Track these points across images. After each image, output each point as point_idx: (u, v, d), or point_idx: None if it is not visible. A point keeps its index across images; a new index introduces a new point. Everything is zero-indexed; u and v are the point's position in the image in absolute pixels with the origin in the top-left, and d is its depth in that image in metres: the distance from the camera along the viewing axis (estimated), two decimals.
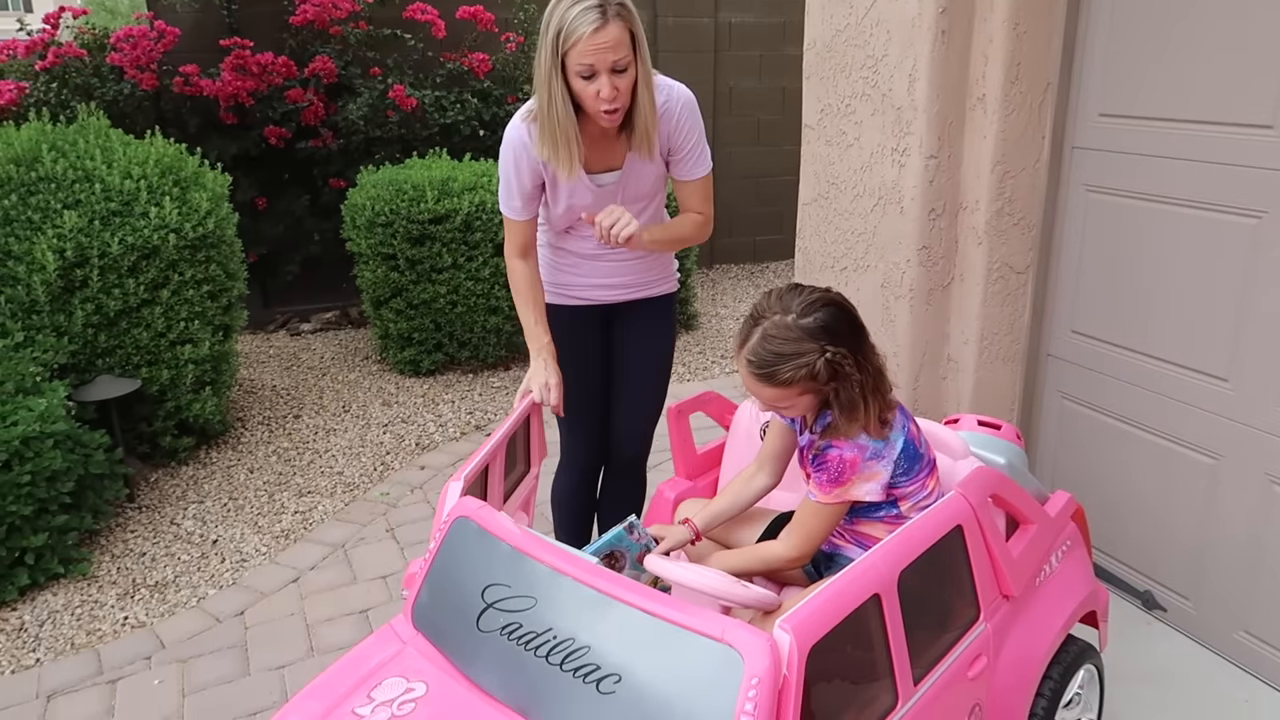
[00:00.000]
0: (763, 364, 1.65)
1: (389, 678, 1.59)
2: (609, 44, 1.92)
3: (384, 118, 5.09)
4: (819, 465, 1.71)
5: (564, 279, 2.34)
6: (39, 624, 2.67)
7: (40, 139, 3.46)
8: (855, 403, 1.65)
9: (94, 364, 3.30)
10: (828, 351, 1.62)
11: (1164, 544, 2.53)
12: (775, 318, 1.65)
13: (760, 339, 1.65)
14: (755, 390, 1.70)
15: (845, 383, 1.65)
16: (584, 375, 2.38)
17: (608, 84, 1.96)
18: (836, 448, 1.68)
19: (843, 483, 1.68)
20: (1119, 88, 2.49)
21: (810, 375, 1.63)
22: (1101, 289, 2.61)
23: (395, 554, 3.02)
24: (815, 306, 1.66)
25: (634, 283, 2.35)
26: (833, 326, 1.65)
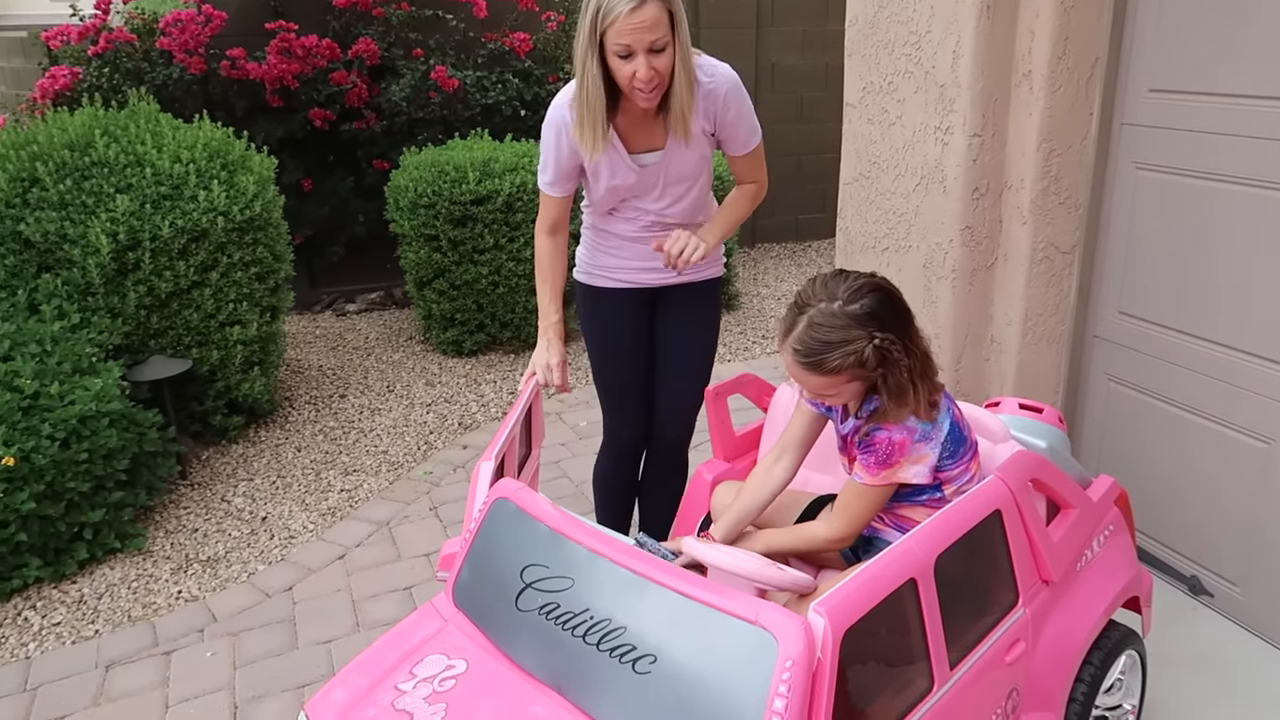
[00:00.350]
0: (810, 353, 1.62)
1: (431, 655, 1.62)
2: (646, 24, 1.91)
3: (426, 99, 5.12)
4: (866, 448, 1.69)
5: (607, 261, 2.35)
6: (97, 596, 2.76)
7: (93, 124, 3.54)
8: (904, 388, 1.63)
9: (146, 345, 3.39)
10: (875, 338, 1.60)
11: (1212, 529, 2.49)
12: (821, 305, 1.63)
13: (806, 327, 1.63)
14: (801, 379, 1.68)
15: (893, 368, 1.63)
16: (626, 358, 2.38)
17: (644, 65, 1.95)
18: (885, 430, 1.66)
19: (891, 464, 1.67)
20: (1171, 62, 2.43)
21: (859, 363, 1.61)
22: (1150, 269, 2.56)
23: (438, 532, 3.07)
24: (861, 293, 1.63)
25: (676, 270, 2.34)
26: (880, 312, 1.63)
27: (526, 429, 2.17)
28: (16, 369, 2.82)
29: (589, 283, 2.39)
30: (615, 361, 2.40)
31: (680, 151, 2.17)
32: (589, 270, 2.38)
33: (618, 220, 2.29)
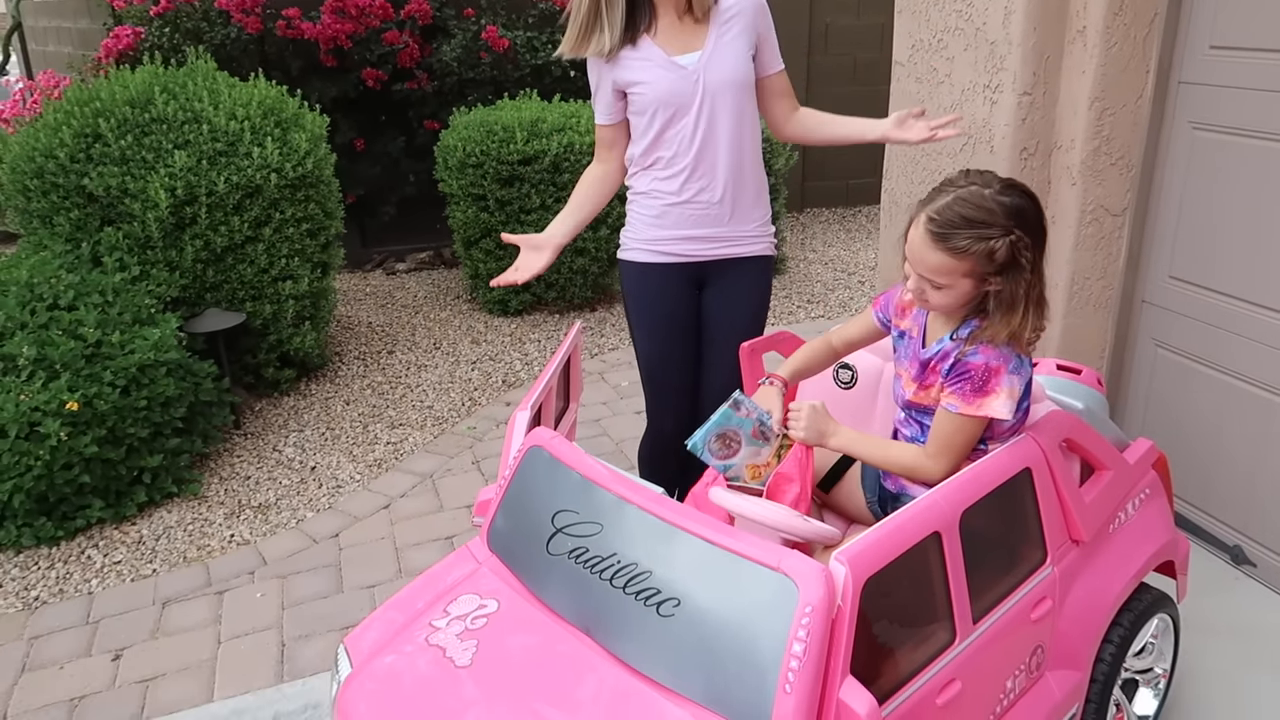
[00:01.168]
0: (945, 223, 1.54)
1: (464, 594, 1.67)
2: None
3: (477, 59, 5.15)
4: (959, 374, 1.60)
5: (650, 233, 2.27)
6: (155, 538, 2.88)
7: (153, 82, 3.62)
8: (1016, 301, 1.56)
9: (202, 298, 3.49)
10: (1014, 234, 1.53)
11: (1258, 499, 2.44)
12: (973, 188, 1.57)
13: (952, 199, 1.56)
14: (921, 254, 1.57)
15: (1016, 276, 1.55)
16: (671, 340, 2.32)
17: None
18: (982, 354, 1.59)
19: (987, 392, 1.58)
20: (1234, 16, 2.35)
21: (988, 253, 1.53)
22: (1204, 233, 2.49)
23: (480, 484, 3.14)
24: (1015, 191, 1.58)
25: (724, 236, 2.26)
26: (1027, 214, 1.56)
27: (565, 382, 2.19)
28: (80, 318, 2.94)
29: (632, 259, 2.31)
30: (659, 344, 2.32)
31: (720, 54, 2.14)
32: (632, 246, 2.31)
33: (660, 170, 2.22)
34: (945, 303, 1.62)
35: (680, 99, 2.15)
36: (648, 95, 2.15)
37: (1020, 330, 1.58)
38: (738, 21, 2.15)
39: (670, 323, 2.30)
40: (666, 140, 2.19)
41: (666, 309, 2.30)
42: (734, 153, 2.21)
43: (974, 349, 1.60)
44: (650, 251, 2.28)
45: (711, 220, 2.24)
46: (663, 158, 2.21)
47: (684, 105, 2.15)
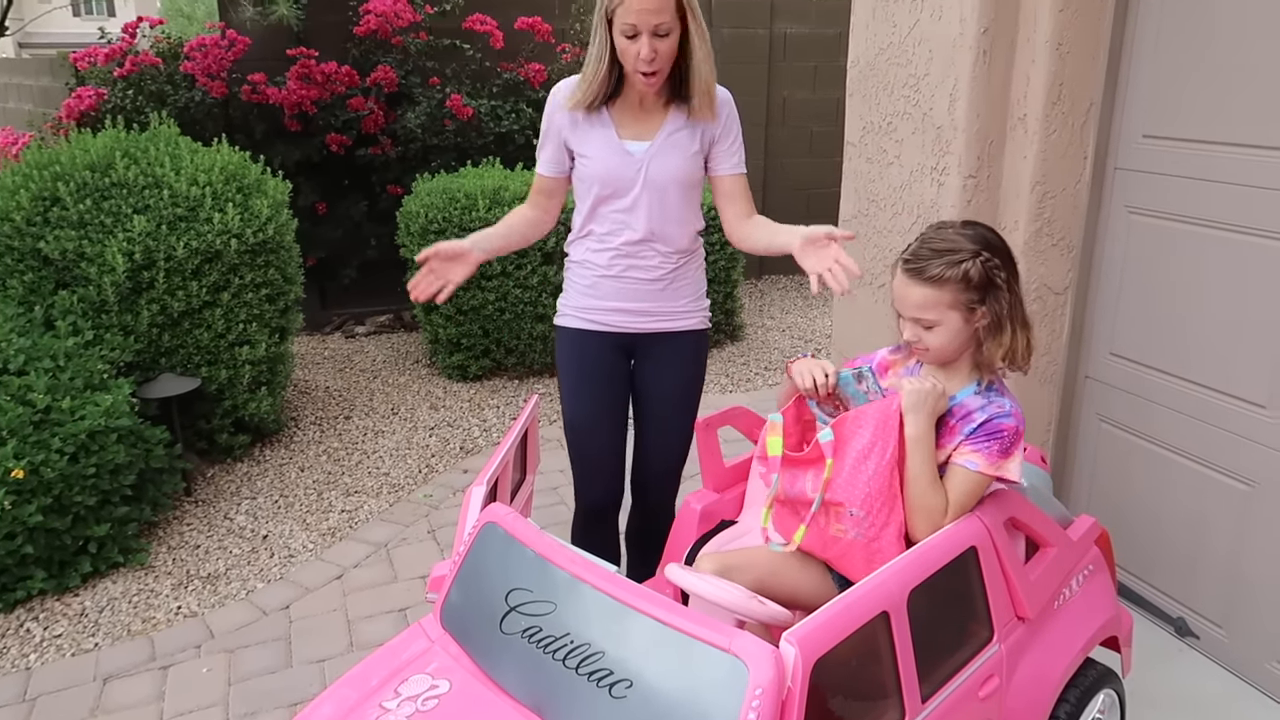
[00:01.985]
0: (918, 259, 1.66)
1: (415, 674, 1.66)
2: (652, 7, 1.98)
3: (441, 126, 5.23)
4: (991, 434, 1.65)
5: (583, 301, 2.30)
6: (99, 610, 2.81)
7: (114, 146, 3.63)
8: (1003, 322, 1.66)
9: (157, 362, 3.46)
10: (982, 255, 1.64)
11: (1197, 571, 2.51)
12: (938, 231, 1.71)
13: (920, 242, 1.70)
14: (904, 294, 1.68)
15: (996, 295, 1.65)
16: (598, 407, 2.31)
17: (647, 45, 2.00)
18: (1014, 418, 1.66)
19: (1009, 455, 1.64)
20: (1163, 109, 2.48)
21: (963, 277, 1.63)
22: (1141, 311, 2.59)
23: (435, 554, 3.11)
24: (976, 225, 1.72)
25: (656, 310, 2.28)
26: (992, 241, 1.69)
27: (522, 455, 2.20)
28: (30, 383, 2.90)
29: (565, 325, 2.34)
30: (586, 411, 2.31)
31: (671, 147, 2.17)
32: (565, 312, 2.34)
33: (595, 245, 2.25)
34: (940, 343, 1.69)
35: (620, 183, 2.18)
36: (590, 168, 2.20)
37: (1014, 347, 1.67)
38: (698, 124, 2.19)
39: (598, 390, 2.30)
40: (601, 216, 2.22)
41: (595, 376, 2.30)
42: (671, 239, 2.24)
43: (1007, 411, 1.66)
44: (582, 319, 2.30)
45: (643, 295, 2.27)
46: (595, 232, 2.25)
47: (623, 189, 2.19)
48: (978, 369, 1.73)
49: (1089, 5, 2.51)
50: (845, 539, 1.70)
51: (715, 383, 4.66)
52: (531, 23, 5.45)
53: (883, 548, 1.67)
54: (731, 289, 5.19)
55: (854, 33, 3.09)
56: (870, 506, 1.67)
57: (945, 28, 2.66)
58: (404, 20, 5.20)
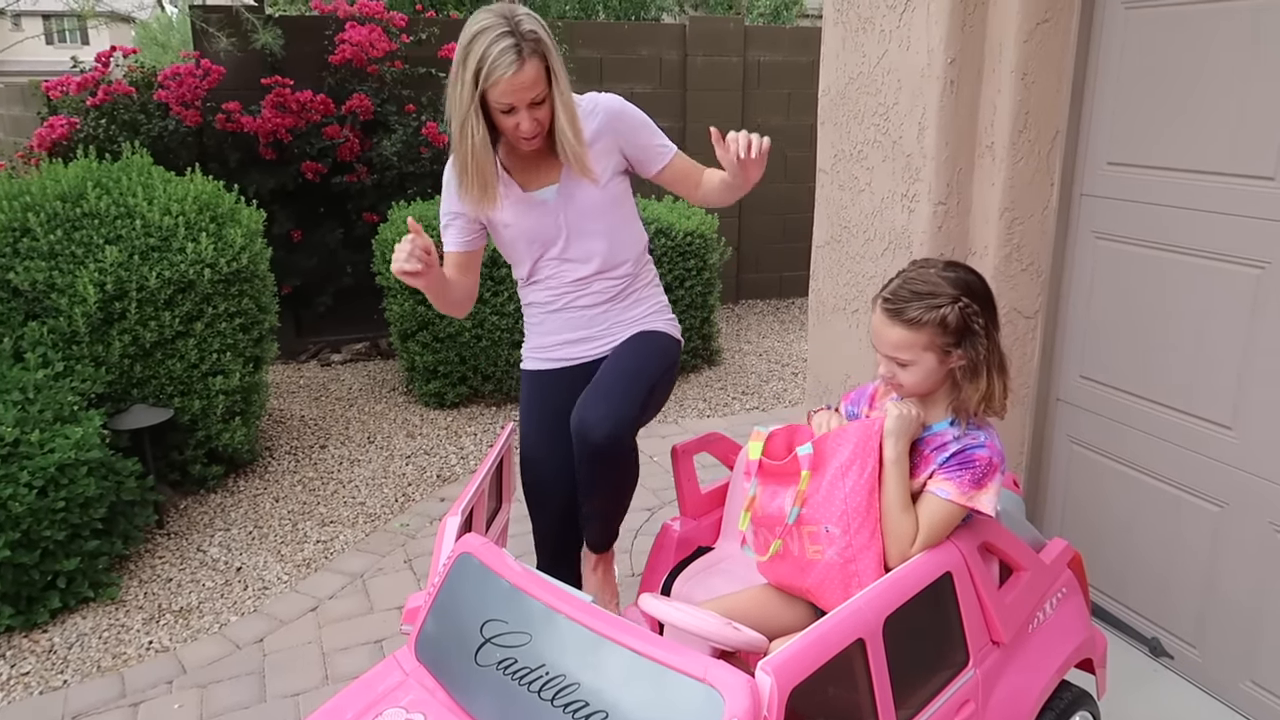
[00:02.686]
0: (898, 300, 1.67)
1: (390, 708, 1.64)
2: (527, 84, 1.94)
3: (417, 154, 5.24)
4: (963, 464, 1.67)
5: (539, 340, 2.30)
6: (68, 646, 2.76)
7: (86, 176, 3.61)
8: (979, 368, 1.66)
9: (129, 393, 3.43)
10: (961, 301, 1.65)
11: (1171, 591, 2.53)
12: (919, 270, 1.71)
13: (901, 282, 1.70)
14: (882, 333, 1.69)
15: (973, 341, 1.65)
16: (552, 441, 2.22)
17: (527, 118, 1.99)
18: (988, 448, 1.67)
19: (983, 486, 1.65)
20: (1126, 136, 2.53)
21: (940, 322, 1.63)
22: (1109, 335, 2.63)
23: (412, 584, 3.08)
24: (958, 268, 1.72)
25: (607, 332, 2.27)
26: (972, 286, 1.69)
27: (497, 484, 2.20)
28: None
29: (528, 368, 2.34)
30: (534, 444, 2.25)
31: (581, 187, 2.14)
32: (528, 355, 2.34)
33: (539, 288, 2.25)
34: (914, 381, 1.70)
35: (545, 235, 2.16)
36: (511, 233, 2.16)
37: (990, 393, 1.68)
38: (595, 142, 2.14)
39: (550, 424, 2.24)
40: (540, 268, 2.22)
41: (548, 410, 2.25)
42: (609, 260, 2.21)
43: (981, 442, 1.68)
44: (538, 359, 2.31)
45: (589, 321, 2.26)
46: (539, 280, 2.25)
47: (549, 239, 2.17)
48: (954, 410, 1.73)
49: (1053, 36, 2.56)
50: (822, 560, 1.71)
51: (693, 407, 4.67)
52: None
53: (860, 571, 1.67)
54: (708, 314, 5.21)
55: (825, 62, 3.14)
56: (847, 524, 1.67)
57: (913, 58, 2.71)
58: (379, 49, 5.22)
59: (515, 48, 1.91)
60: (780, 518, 1.73)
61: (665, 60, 6.38)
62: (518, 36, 1.92)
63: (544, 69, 1.97)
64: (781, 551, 1.76)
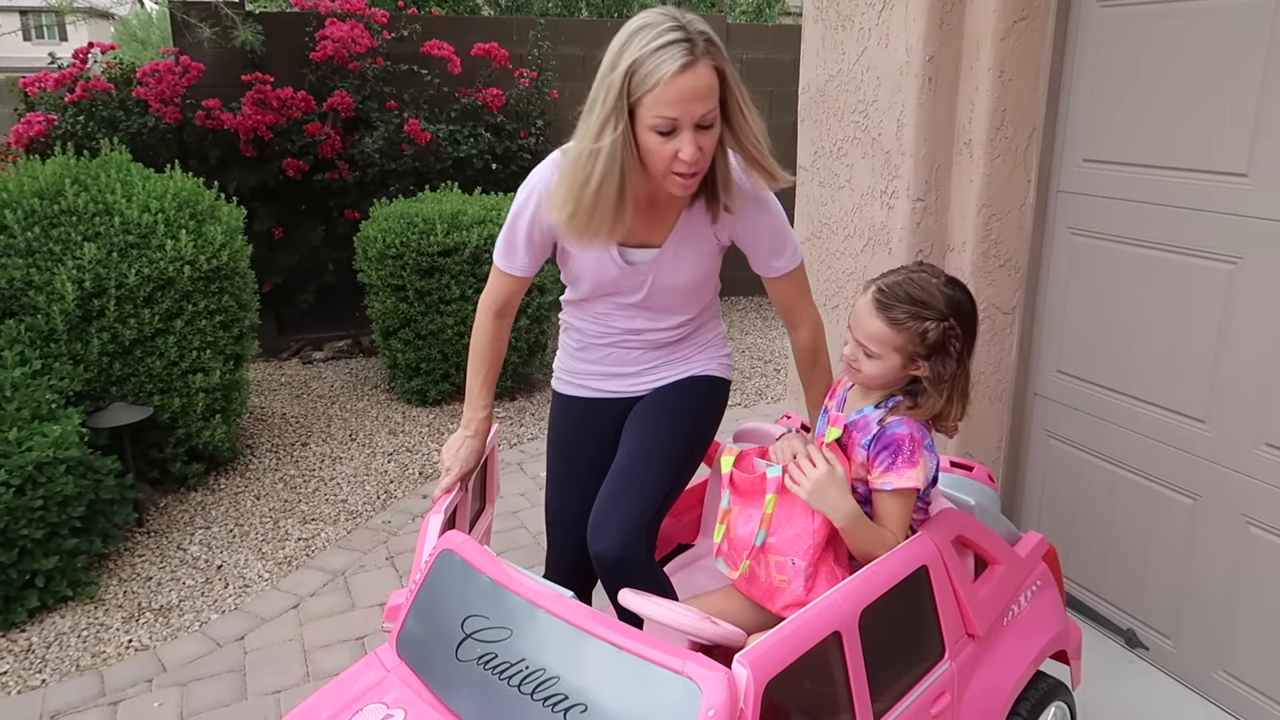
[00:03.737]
0: (891, 296, 1.67)
1: (370, 704, 1.64)
2: (699, 91, 1.53)
3: (399, 151, 5.22)
4: (885, 447, 1.68)
5: (573, 365, 2.04)
6: (46, 646, 2.75)
7: (64, 173, 3.59)
8: (940, 386, 1.68)
9: (108, 391, 3.41)
10: (948, 321, 1.66)
11: (1146, 583, 2.56)
12: (922, 275, 1.71)
13: (903, 278, 1.70)
14: (862, 320, 1.69)
15: (943, 361, 1.67)
16: (578, 472, 1.99)
17: (690, 143, 1.55)
18: (905, 425, 1.68)
19: (915, 462, 1.67)
20: (1102, 134, 2.55)
21: (921, 333, 1.65)
22: (1085, 330, 2.66)
23: (394, 581, 3.08)
24: (958, 288, 1.73)
25: (655, 373, 1.98)
26: (963, 309, 1.70)
27: (481, 483, 2.19)
28: None
29: (560, 390, 2.08)
30: (565, 474, 2.03)
31: (679, 259, 1.82)
32: (557, 374, 2.09)
33: (591, 320, 1.96)
34: (874, 373, 1.72)
35: (620, 287, 1.86)
36: (584, 272, 1.85)
37: (945, 413, 1.71)
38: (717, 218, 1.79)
39: (581, 457, 2.01)
40: (598, 304, 1.92)
41: (580, 444, 2.03)
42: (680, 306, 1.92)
43: (897, 420, 1.70)
44: (572, 385, 2.05)
45: (635, 360, 1.97)
46: (593, 313, 1.95)
47: (624, 292, 1.87)
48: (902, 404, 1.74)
49: (1029, 34, 2.58)
50: (787, 589, 1.71)
51: None
52: (488, 48, 5.48)
53: None
54: None
55: (804, 60, 3.15)
56: (813, 558, 1.69)
57: (892, 55, 2.73)
58: (361, 46, 5.21)
59: (684, 43, 1.52)
60: (748, 540, 1.74)
61: None
62: (690, 34, 1.53)
63: (718, 80, 1.56)
64: (749, 574, 1.76)
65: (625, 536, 1.77)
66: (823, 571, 1.69)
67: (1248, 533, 2.27)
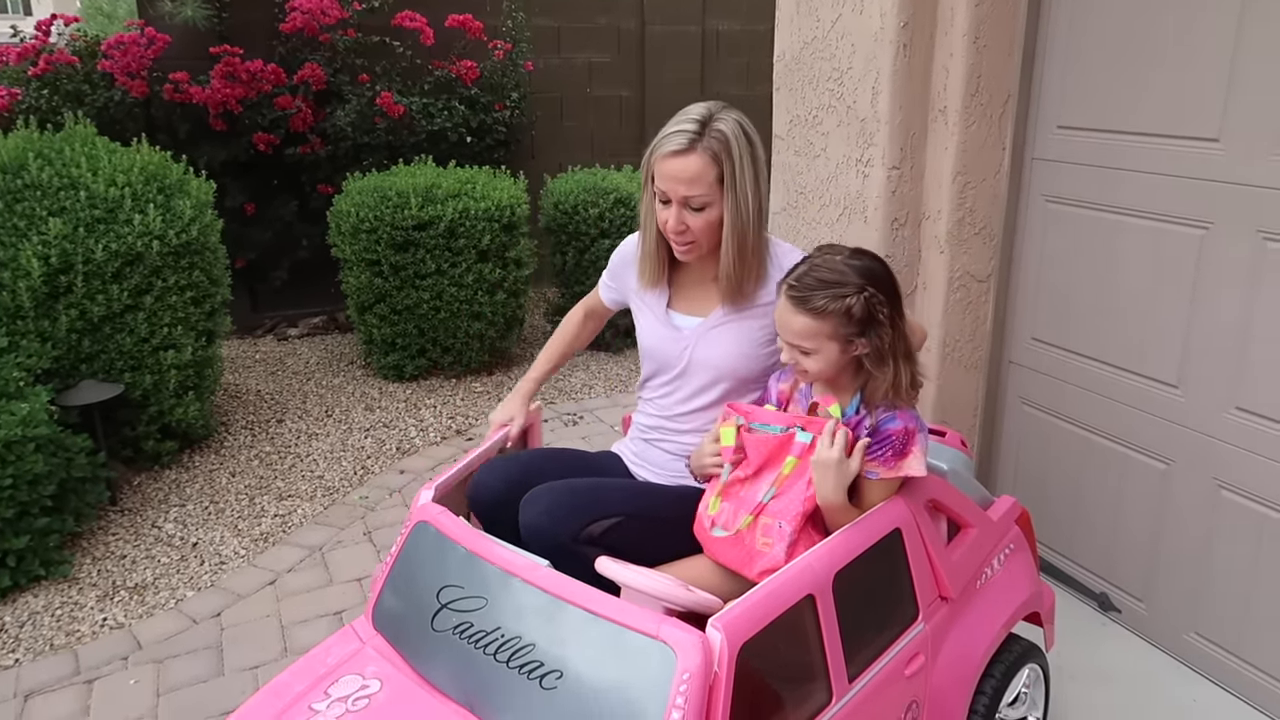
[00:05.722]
0: (804, 288, 1.65)
1: (346, 675, 1.64)
2: (683, 176, 1.76)
3: (372, 124, 5.15)
4: (880, 442, 1.69)
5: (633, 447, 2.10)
6: (19, 625, 2.72)
7: (27, 147, 3.51)
8: (884, 356, 1.67)
9: (78, 369, 3.36)
10: (867, 290, 1.64)
11: (1119, 547, 2.59)
12: (825, 257, 1.70)
13: (807, 269, 1.68)
14: (786, 320, 1.68)
15: (877, 330, 1.65)
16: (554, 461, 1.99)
17: (675, 215, 1.80)
18: (900, 419, 1.68)
19: (906, 455, 1.67)
20: (1076, 100, 2.55)
21: (845, 311, 1.63)
22: (1059, 297, 2.67)
23: (371, 557, 3.07)
24: (864, 256, 1.70)
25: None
26: (877, 275, 1.68)
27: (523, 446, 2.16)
28: None
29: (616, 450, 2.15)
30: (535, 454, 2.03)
31: (721, 335, 1.90)
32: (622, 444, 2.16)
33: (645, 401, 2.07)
34: (819, 368, 1.70)
35: (665, 358, 1.96)
36: (640, 334, 2.02)
37: (897, 382, 1.68)
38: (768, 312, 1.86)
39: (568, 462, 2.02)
40: (652, 383, 2.03)
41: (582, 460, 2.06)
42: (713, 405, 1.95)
43: (891, 415, 1.69)
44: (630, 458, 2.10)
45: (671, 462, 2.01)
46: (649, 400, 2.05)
47: (668, 364, 1.96)
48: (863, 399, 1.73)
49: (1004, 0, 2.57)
50: (769, 553, 1.71)
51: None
52: (462, 20, 5.41)
53: None
54: None
55: (779, 27, 3.13)
56: (798, 526, 1.69)
57: (867, 22, 2.71)
58: (331, 17, 5.12)
59: (689, 134, 1.76)
60: (753, 499, 1.73)
61: (623, 29, 6.32)
62: (702, 126, 1.77)
63: (714, 172, 1.77)
64: (734, 538, 1.75)
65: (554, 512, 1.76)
66: (803, 541, 1.69)
67: (1219, 496, 2.30)
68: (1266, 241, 2.13)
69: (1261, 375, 2.17)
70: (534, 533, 1.74)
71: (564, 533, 1.73)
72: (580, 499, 1.78)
